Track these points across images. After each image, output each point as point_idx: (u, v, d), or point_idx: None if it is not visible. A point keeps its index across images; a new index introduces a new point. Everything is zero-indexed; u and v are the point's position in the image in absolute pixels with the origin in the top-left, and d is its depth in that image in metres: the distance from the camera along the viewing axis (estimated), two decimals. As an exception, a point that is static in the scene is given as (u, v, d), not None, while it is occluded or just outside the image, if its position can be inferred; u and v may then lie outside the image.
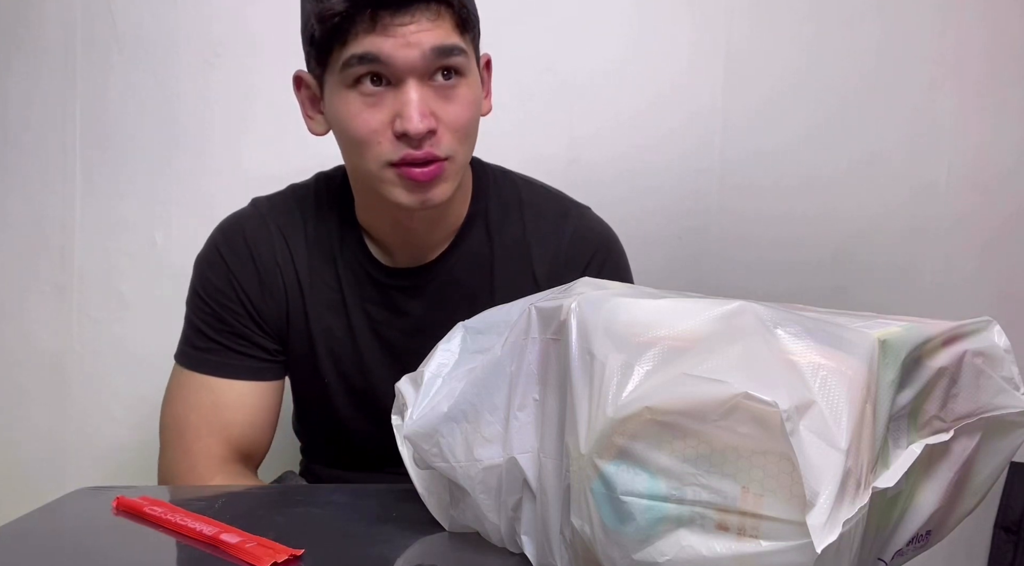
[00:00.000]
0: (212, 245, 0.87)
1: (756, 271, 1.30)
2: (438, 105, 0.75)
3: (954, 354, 0.50)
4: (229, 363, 0.84)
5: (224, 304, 0.85)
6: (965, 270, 1.33)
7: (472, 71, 0.78)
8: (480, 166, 0.92)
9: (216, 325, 0.85)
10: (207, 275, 0.86)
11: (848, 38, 1.29)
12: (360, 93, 0.75)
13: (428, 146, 0.75)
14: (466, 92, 0.77)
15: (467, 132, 0.79)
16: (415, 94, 0.74)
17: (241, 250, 0.86)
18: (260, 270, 0.85)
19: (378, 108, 0.75)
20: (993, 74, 1.32)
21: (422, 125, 0.73)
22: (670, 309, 0.48)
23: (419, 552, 0.58)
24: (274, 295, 0.86)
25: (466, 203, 0.89)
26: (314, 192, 0.90)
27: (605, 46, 1.26)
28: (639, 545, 0.44)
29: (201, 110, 1.23)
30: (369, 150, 0.76)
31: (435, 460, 0.58)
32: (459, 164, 0.79)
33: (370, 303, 0.87)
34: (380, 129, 0.75)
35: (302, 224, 0.88)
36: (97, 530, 0.63)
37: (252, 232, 0.87)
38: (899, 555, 0.50)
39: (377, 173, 0.77)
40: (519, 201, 0.91)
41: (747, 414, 0.40)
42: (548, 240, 0.89)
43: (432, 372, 0.61)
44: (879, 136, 1.30)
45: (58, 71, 1.22)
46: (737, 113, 1.28)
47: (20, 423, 1.25)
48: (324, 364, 0.87)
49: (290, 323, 0.87)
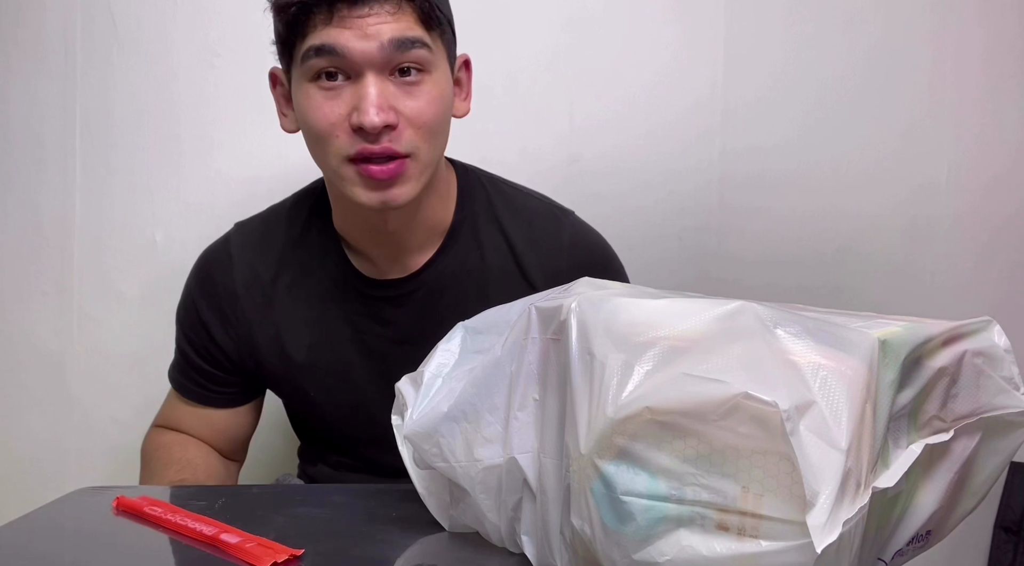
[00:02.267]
0: (190, 278, 0.92)
1: (756, 270, 1.30)
2: (399, 100, 0.74)
3: (954, 354, 0.50)
4: (194, 390, 0.91)
5: (190, 338, 0.90)
6: (965, 269, 1.33)
7: (439, 68, 0.76)
8: (463, 171, 0.90)
9: (185, 353, 0.91)
10: (181, 306, 0.92)
11: (848, 36, 1.29)
12: (319, 86, 0.74)
13: (386, 141, 0.73)
14: (431, 88, 0.75)
15: (431, 129, 0.76)
16: (373, 88, 0.72)
17: (207, 286, 0.89)
18: (224, 305, 0.88)
19: (337, 102, 0.74)
20: (993, 74, 1.32)
21: (378, 118, 0.72)
22: (670, 309, 0.48)
23: (419, 552, 0.58)
24: (239, 327, 0.88)
25: (449, 209, 0.87)
26: (290, 209, 0.90)
27: (603, 42, 1.26)
28: (639, 545, 0.44)
29: (201, 110, 1.23)
30: (329, 145, 0.75)
31: (435, 460, 0.58)
32: (423, 162, 0.77)
33: (354, 315, 0.86)
34: (338, 122, 0.74)
35: (278, 246, 0.88)
36: (97, 530, 0.63)
37: (217, 266, 0.89)
38: (899, 555, 0.50)
39: (336, 169, 0.76)
40: (507, 207, 0.89)
41: (747, 414, 0.40)
42: (543, 245, 0.88)
43: (432, 372, 0.61)
44: (879, 135, 1.30)
45: (58, 71, 1.22)
46: (736, 112, 1.28)
47: (20, 423, 1.25)
48: (307, 380, 0.88)
49: (261, 348, 0.88)
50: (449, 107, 0.79)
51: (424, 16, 0.74)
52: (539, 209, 0.91)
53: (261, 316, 0.87)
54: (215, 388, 0.91)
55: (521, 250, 0.87)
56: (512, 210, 0.89)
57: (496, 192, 0.90)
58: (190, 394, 0.91)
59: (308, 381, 0.88)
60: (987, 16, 1.31)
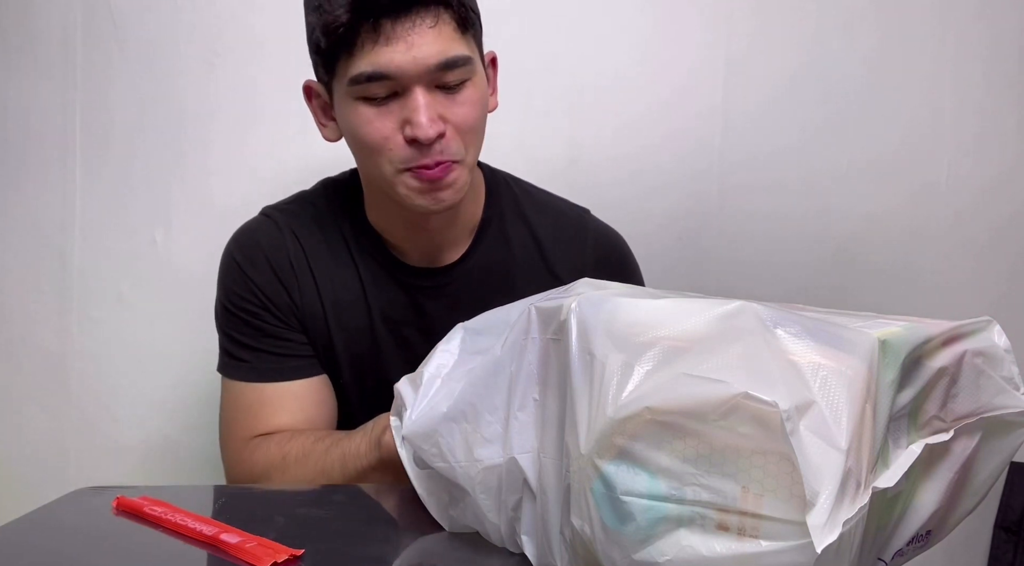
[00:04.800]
0: (228, 256, 0.88)
1: (756, 271, 1.30)
2: (445, 108, 0.77)
3: (954, 354, 0.50)
4: (272, 367, 0.85)
5: (250, 310, 0.86)
6: (965, 270, 1.33)
7: (477, 72, 0.79)
8: (489, 170, 0.94)
9: (249, 332, 0.86)
10: (229, 286, 0.87)
11: (848, 39, 1.29)
12: (368, 102, 0.76)
13: (438, 153, 0.76)
14: (472, 93, 0.78)
15: (475, 132, 0.80)
16: (423, 99, 0.75)
17: (256, 256, 0.86)
18: (277, 272, 0.86)
19: (387, 116, 0.76)
20: (993, 74, 1.32)
21: (432, 130, 0.75)
22: (670, 309, 0.48)
23: (419, 552, 0.58)
24: (292, 295, 0.86)
25: (479, 205, 0.90)
26: (323, 197, 0.91)
27: (606, 48, 1.26)
28: (639, 545, 0.44)
29: (201, 110, 1.23)
30: (382, 156, 0.78)
31: (435, 460, 0.58)
32: (468, 165, 0.81)
33: (390, 302, 0.88)
34: (391, 135, 0.76)
35: (316, 228, 0.88)
36: (97, 530, 0.62)
37: (266, 238, 0.87)
38: (899, 555, 0.50)
39: (391, 178, 0.79)
40: (533, 204, 0.93)
41: (747, 414, 0.40)
42: (569, 241, 0.91)
43: (431, 372, 0.61)
44: (879, 136, 1.30)
45: (58, 71, 1.22)
46: (737, 114, 1.28)
47: (20, 423, 1.25)
48: (343, 362, 0.88)
49: (310, 321, 0.87)
50: (487, 106, 0.83)
51: (460, 20, 0.76)
52: (562, 207, 0.95)
53: (308, 291, 0.87)
54: (294, 353, 0.86)
55: (548, 245, 0.91)
56: (537, 207, 0.93)
57: (520, 190, 0.94)
58: (268, 374, 0.85)
59: (344, 363, 0.88)
60: (986, 18, 1.31)
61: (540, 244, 0.91)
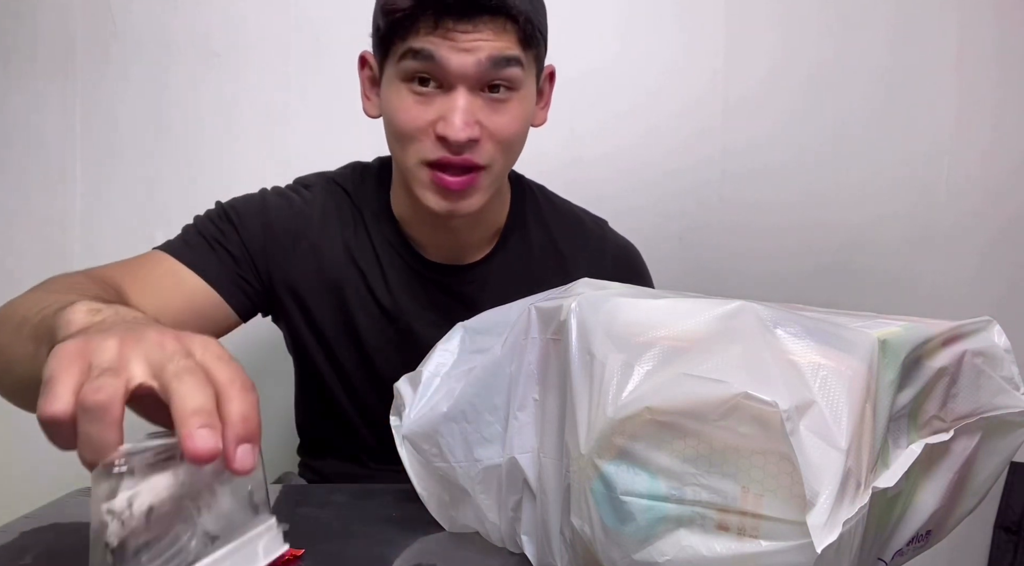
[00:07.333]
0: (261, 192, 0.87)
1: (756, 271, 1.30)
2: (485, 115, 0.76)
3: (954, 354, 0.50)
4: (203, 259, 0.80)
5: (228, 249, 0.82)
6: (966, 273, 1.33)
7: (527, 85, 0.79)
8: (516, 178, 0.94)
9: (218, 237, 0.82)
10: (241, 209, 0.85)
11: (848, 35, 1.29)
12: (411, 89, 0.76)
13: (467, 153, 0.76)
14: (516, 106, 0.78)
15: (511, 144, 0.79)
16: (463, 101, 0.74)
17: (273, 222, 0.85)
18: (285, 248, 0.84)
19: (426, 107, 0.76)
20: (993, 76, 1.32)
21: (463, 133, 0.74)
22: (670, 309, 0.48)
23: (419, 552, 0.58)
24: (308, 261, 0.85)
25: (505, 210, 0.90)
26: (351, 180, 0.90)
27: (603, 42, 1.26)
28: (639, 545, 0.44)
29: (201, 110, 1.23)
30: (410, 145, 0.77)
31: (435, 460, 0.58)
32: (496, 174, 0.80)
33: (404, 291, 0.87)
34: (424, 127, 0.76)
35: (348, 205, 0.88)
36: (97, 530, 0.62)
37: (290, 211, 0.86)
38: (899, 555, 0.50)
39: (413, 170, 0.78)
40: (555, 212, 0.94)
41: (747, 414, 0.40)
42: (589, 249, 0.92)
43: (431, 372, 0.60)
44: (879, 137, 1.30)
45: (58, 71, 1.22)
46: (737, 114, 1.28)
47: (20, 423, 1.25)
48: (347, 346, 0.88)
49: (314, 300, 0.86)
50: (529, 123, 0.82)
51: (525, 37, 0.76)
52: (582, 215, 0.96)
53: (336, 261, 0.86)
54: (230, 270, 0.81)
55: (568, 254, 0.91)
56: (559, 215, 0.94)
57: (543, 197, 0.95)
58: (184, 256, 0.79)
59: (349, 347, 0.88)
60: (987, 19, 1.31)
61: (560, 252, 0.91)
